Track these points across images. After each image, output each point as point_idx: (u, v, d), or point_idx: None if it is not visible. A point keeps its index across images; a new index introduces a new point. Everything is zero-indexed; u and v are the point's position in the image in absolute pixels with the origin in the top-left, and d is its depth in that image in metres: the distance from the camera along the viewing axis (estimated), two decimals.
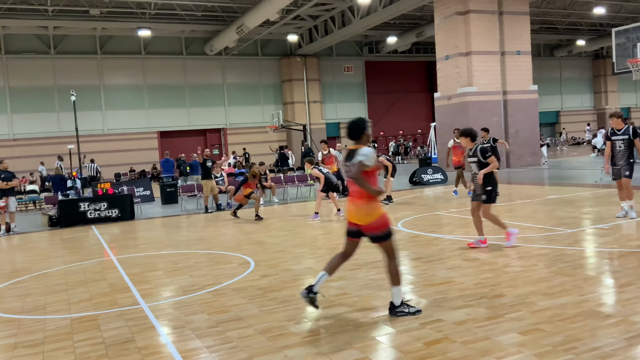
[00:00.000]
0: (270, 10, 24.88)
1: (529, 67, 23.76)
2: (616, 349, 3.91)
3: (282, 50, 36.12)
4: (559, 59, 44.82)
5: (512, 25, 23.01)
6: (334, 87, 38.12)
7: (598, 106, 46.14)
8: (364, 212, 4.86)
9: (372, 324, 4.82)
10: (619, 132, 9.14)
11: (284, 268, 7.26)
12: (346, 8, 28.77)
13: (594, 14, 32.53)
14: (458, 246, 7.94)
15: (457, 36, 22.38)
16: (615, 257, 6.69)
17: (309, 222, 11.54)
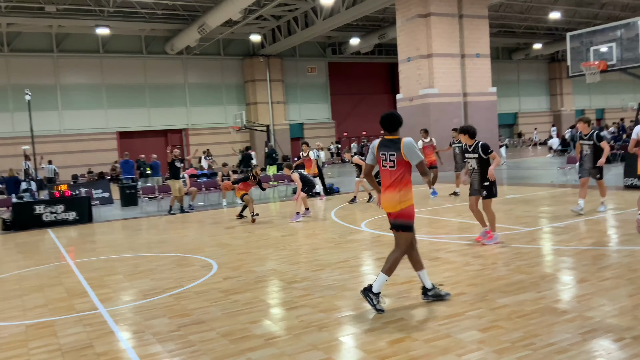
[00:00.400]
0: (233, 10, 24.67)
1: (488, 70, 24.30)
2: (571, 344, 4.03)
3: (244, 50, 35.87)
4: (516, 62, 45.99)
5: (471, 29, 23.48)
6: (297, 88, 38.09)
7: (554, 108, 47.57)
8: (397, 199, 5.01)
9: (336, 324, 4.83)
10: (585, 137, 9.62)
11: (247, 270, 7.20)
12: (309, 9, 28.80)
13: (550, 18, 33.52)
14: (420, 246, 8.01)
15: (419, 38, 22.69)
16: (570, 255, 6.91)
17: (291, 223, 11.36)
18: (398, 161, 5.01)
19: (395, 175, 5.02)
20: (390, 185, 5.05)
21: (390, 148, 5.05)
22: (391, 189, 5.04)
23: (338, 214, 12.34)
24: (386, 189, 5.10)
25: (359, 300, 5.49)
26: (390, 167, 5.06)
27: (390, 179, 5.06)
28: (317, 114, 39.08)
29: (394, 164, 5.03)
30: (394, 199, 5.02)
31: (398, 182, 5.01)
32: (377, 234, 9.36)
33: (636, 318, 4.46)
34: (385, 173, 5.12)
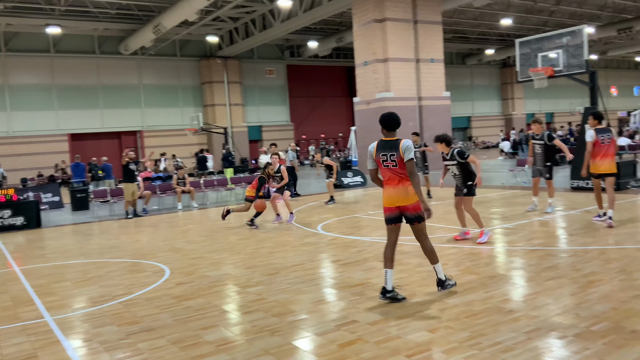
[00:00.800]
0: (189, 11, 24.34)
1: (442, 75, 24.82)
2: (516, 343, 4.15)
3: (201, 52, 35.43)
4: (470, 67, 47.12)
5: (426, 34, 23.93)
6: (255, 90, 37.90)
7: (505, 112, 48.96)
8: (411, 192, 5.27)
9: (289, 328, 4.83)
10: (537, 137, 10.20)
11: (200, 275, 7.11)
12: (267, 11, 28.72)
13: (501, 25, 34.50)
14: (375, 248, 8.13)
15: (375, 43, 22.97)
16: (518, 255, 7.12)
17: (289, 224, 11.10)
18: (399, 160, 5.27)
19: (401, 172, 5.29)
20: (400, 181, 5.30)
21: (390, 149, 5.31)
22: (403, 183, 5.30)
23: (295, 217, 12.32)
24: (397, 184, 5.32)
25: (312, 303, 5.51)
26: (393, 166, 5.32)
27: (397, 176, 5.32)
28: (276, 117, 38.99)
29: (396, 163, 5.30)
30: (408, 191, 5.28)
31: (406, 177, 5.29)
32: (333, 236, 9.41)
33: (578, 316, 4.64)
34: (389, 172, 5.36)
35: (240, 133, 36.30)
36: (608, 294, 5.18)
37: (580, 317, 4.62)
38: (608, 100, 52.12)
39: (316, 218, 11.82)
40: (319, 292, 5.91)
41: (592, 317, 4.58)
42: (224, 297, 6.01)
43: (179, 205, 15.55)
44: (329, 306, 5.41)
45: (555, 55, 13.53)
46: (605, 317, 4.56)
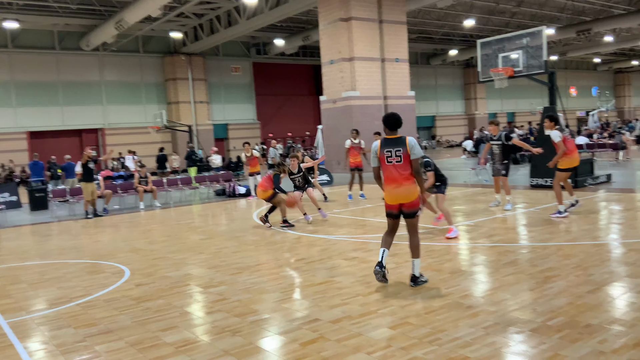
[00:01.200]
0: (152, 6, 23.90)
1: (407, 74, 25.07)
2: (475, 338, 4.22)
3: (165, 48, 34.85)
4: (434, 67, 47.76)
5: (391, 34, 24.12)
6: (221, 88, 37.50)
7: (469, 111, 49.84)
8: (413, 190, 5.61)
9: (251, 328, 4.79)
10: (494, 138, 10.67)
11: (161, 276, 6.98)
12: (232, 8, 28.45)
13: (464, 25, 35.07)
14: (339, 246, 8.15)
15: (341, 42, 23.03)
16: (478, 252, 7.25)
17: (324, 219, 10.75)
18: (404, 155, 5.54)
19: (404, 169, 5.56)
20: (404, 179, 5.57)
21: (396, 145, 5.58)
22: (407, 182, 5.58)
23: (260, 215, 12.25)
24: (401, 182, 5.58)
25: (275, 303, 5.48)
26: (397, 162, 5.57)
27: (401, 173, 5.57)
28: (242, 115, 38.68)
29: (401, 159, 5.55)
30: (411, 189, 5.60)
31: (409, 175, 5.58)
32: (298, 235, 9.39)
33: (535, 311, 4.74)
34: (392, 169, 5.61)
35: (205, 131, 35.88)
36: (564, 289, 5.31)
37: (537, 312, 4.72)
38: (567, 101, 53.69)
39: (279, 217, 11.75)
40: (282, 292, 5.88)
41: (549, 312, 4.69)
42: (185, 298, 5.92)
43: (141, 204, 15.26)
44: (292, 305, 5.39)
45: (516, 56, 13.82)
46: (561, 312, 4.67)
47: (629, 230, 8.06)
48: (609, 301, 4.94)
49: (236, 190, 16.94)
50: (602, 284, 5.42)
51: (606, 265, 6.10)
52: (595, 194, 12.11)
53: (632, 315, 4.52)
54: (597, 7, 34.34)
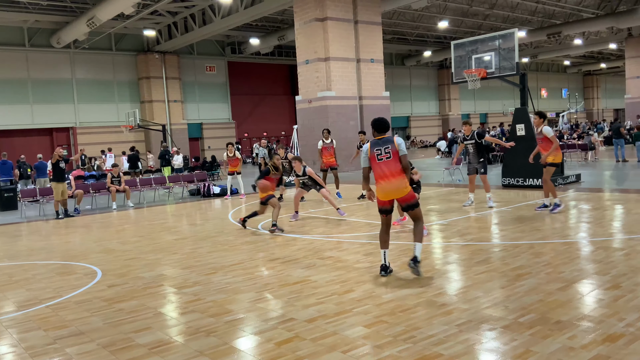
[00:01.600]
0: (125, 4, 23.55)
1: (382, 75, 25.23)
2: (448, 335, 4.27)
3: (138, 46, 34.39)
4: (409, 68, 48.17)
5: (366, 34, 24.24)
6: (195, 87, 37.16)
7: (442, 112, 50.42)
8: (404, 184, 5.90)
9: (225, 328, 4.76)
10: (468, 138, 11.00)
11: (134, 276, 6.89)
12: (207, 7, 28.23)
13: (438, 27, 35.46)
14: (315, 246, 8.16)
15: (316, 42, 23.05)
16: (452, 250, 7.34)
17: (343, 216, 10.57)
18: (393, 152, 5.90)
19: (394, 165, 5.88)
20: (394, 174, 5.88)
21: (385, 144, 5.96)
22: (397, 177, 5.88)
23: (235, 215, 12.20)
24: (391, 178, 5.89)
25: (250, 302, 5.46)
26: (387, 158, 5.91)
27: (391, 169, 5.89)
28: (217, 114, 38.40)
29: (390, 155, 5.90)
30: (403, 184, 5.89)
31: (399, 170, 5.89)
32: (273, 235, 9.36)
33: (507, 308, 4.82)
34: (382, 166, 5.92)
35: (179, 130, 35.52)
36: (535, 287, 5.41)
37: (509, 309, 4.80)
38: (538, 102, 54.73)
39: (258, 217, 11.70)
40: (257, 291, 5.86)
41: (520, 309, 4.77)
42: (159, 299, 5.85)
43: (114, 204, 15.03)
44: (267, 305, 5.37)
45: (489, 58, 14.02)
46: (532, 309, 4.76)
47: (598, 229, 8.25)
48: (578, 298, 5.05)
49: (211, 190, 16.82)
50: (572, 281, 5.54)
51: (576, 263, 6.24)
52: (565, 194, 12.37)
53: (601, 311, 4.63)
54: (567, 11, 35.10)
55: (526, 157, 11.81)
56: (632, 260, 6.20)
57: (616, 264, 6.07)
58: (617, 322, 4.32)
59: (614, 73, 64.05)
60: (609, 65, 57.70)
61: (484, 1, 32.38)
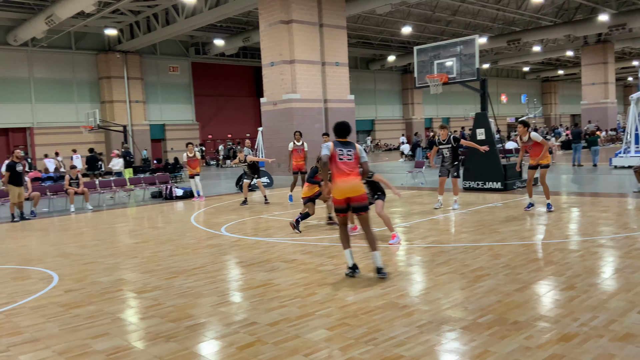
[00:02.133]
0: (86, 2, 22.99)
1: (347, 78, 25.38)
2: (409, 337, 4.32)
3: (99, 45, 33.63)
4: (373, 72, 48.63)
5: (331, 38, 24.35)
6: (158, 87, 36.57)
7: (406, 116, 51.09)
8: (359, 185, 6.08)
9: (186, 333, 4.69)
10: (444, 142, 11.22)
11: (92, 281, 6.72)
12: (170, 6, 27.85)
13: (402, 32, 35.93)
14: (279, 248, 8.13)
15: (282, 44, 23.02)
16: (414, 252, 7.43)
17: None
18: (355, 155, 6.14)
19: (354, 166, 6.10)
20: (352, 174, 6.07)
21: (347, 147, 6.17)
22: (354, 176, 6.07)
23: (198, 218, 12.05)
24: (348, 176, 6.05)
25: (212, 307, 5.40)
26: (348, 159, 6.10)
27: (350, 169, 6.07)
28: (180, 115, 37.89)
29: (352, 157, 6.12)
30: (358, 183, 6.08)
31: (357, 172, 6.12)
32: (237, 237, 9.29)
33: (466, 309, 4.91)
34: (343, 165, 6.08)
35: (141, 132, 34.89)
36: (494, 288, 5.53)
37: (468, 310, 4.89)
38: (498, 107, 56.03)
39: (221, 219, 11.62)
40: (220, 295, 5.80)
41: (479, 310, 4.87)
42: (117, 304, 5.72)
43: (72, 207, 14.62)
44: (229, 309, 5.32)
45: (450, 63, 14.29)
46: (490, 310, 4.86)
47: (554, 231, 8.50)
48: (535, 299, 5.18)
49: (173, 193, 16.55)
50: (529, 282, 5.69)
51: (533, 265, 6.41)
52: (524, 197, 12.69)
53: (556, 311, 4.77)
54: (526, 19, 36.09)
55: (486, 161, 12.04)
56: (587, 262, 6.40)
57: (571, 265, 6.26)
58: (571, 322, 4.46)
59: (571, 79, 66.24)
60: (566, 72, 59.64)
61: (446, 8, 32.98)
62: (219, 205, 14.33)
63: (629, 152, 19.07)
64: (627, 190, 13.12)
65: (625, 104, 60.71)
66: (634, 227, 8.45)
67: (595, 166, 20.11)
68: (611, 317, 4.51)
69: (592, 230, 8.32)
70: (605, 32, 35.22)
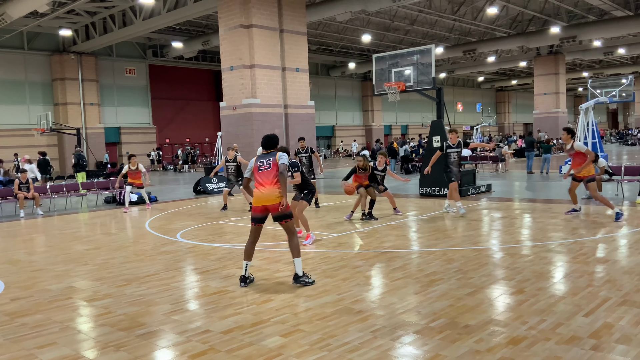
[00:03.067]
0: (39, 1, 22.27)
1: (307, 84, 25.44)
2: (363, 342, 4.35)
3: (53, 46, 32.64)
4: (334, 79, 48.96)
5: (291, 43, 24.38)
6: (114, 90, 35.74)
7: (366, 123, 51.61)
8: (277, 193, 6.07)
9: (137, 342, 4.58)
10: (454, 146, 11.26)
11: (40, 289, 6.49)
12: (127, 8, 27.31)
13: (362, 40, 36.33)
14: (235, 255, 8.06)
15: (242, 48, 22.89)
16: (370, 257, 7.49)
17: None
18: (272, 163, 6.17)
19: (271, 175, 6.11)
20: (268, 183, 6.11)
21: (267, 157, 6.27)
22: (270, 185, 6.10)
23: (153, 224, 11.82)
24: (265, 185, 6.11)
25: (164, 315, 5.29)
26: (266, 169, 6.17)
27: (267, 178, 6.13)
28: (137, 118, 37.11)
29: (270, 166, 6.17)
30: (274, 193, 6.06)
31: (274, 180, 6.10)
32: (192, 244, 9.16)
33: (420, 314, 4.98)
34: (262, 175, 6.17)
35: (96, 135, 34.00)
36: (446, 292, 5.64)
37: (421, 314, 4.97)
38: (454, 115, 57.31)
39: (177, 225, 11.43)
40: (173, 303, 5.70)
41: (432, 314, 4.95)
42: (67, 312, 5.54)
43: (21, 212, 14.11)
44: (182, 317, 5.23)
45: (408, 72, 14.54)
46: (443, 314, 4.95)
47: (506, 236, 8.73)
48: (486, 302, 5.30)
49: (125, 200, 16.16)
50: (480, 286, 5.82)
51: (484, 269, 6.56)
52: (477, 203, 13.00)
53: (506, 315, 4.89)
54: (481, 30, 37.08)
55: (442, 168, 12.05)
56: (536, 266, 6.61)
57: (521, 270, 6.45)
58: (520, 326, 4.58)
59: (524, 89, 68.42)
60: (520, 82, 61.57)
61: (405, 17, 33.55)
62: (175, 210, 14.09)
63: None
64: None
65: (575, 114, 63.16)
66: (581, 232, 8.77)
67: (547, 173, 20.81)
68: (558, 321, 4.66)
69: (541, 236, 8.60)
70: (557, 43, 36.57)
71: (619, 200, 12.48)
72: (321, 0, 27.29)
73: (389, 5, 25.35)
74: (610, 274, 6.10)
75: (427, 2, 29.85)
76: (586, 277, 6.03)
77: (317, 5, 26.96)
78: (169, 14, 25.62)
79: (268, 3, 23.36)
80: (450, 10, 31.66)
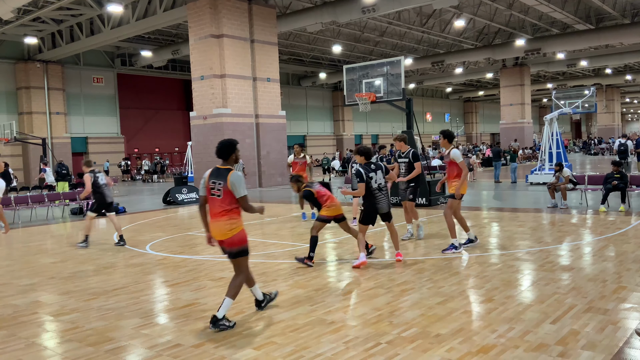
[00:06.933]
0: (3, 9, 21.77)
1: (278, 94, 25.48)
2: (336, 353, 4.35)
3: (18, 54, 31.89)
4: (305, 89, 49.13)
5: (262, 53, 24.42)
6: (81, 99, 35.08)
7: (337, 132, 51.89)
8: (227, 227, 5.06)
9: (105, 358, 4.48)
10: (402, 155, 9.67)
11: (4, 304, 6.29)
12: (95, 16, 26.92)
13: (333, 51, 36.61)
14: (206, 267, 7.98)
15: (212, 58, 22.81)
16: (343, 268, 7.51)
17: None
18: (225, 191, 5.05)
19: (223, 204, 5.06)
20: (219, 214, 5.08)
21: (220, 177, 5.09)
22: (220, 217, 5.08)
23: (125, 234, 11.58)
24: (215, 216, 5.12)
25: (134, 329, 5.20)
26: (217, 196, 5.10)
27: (219, 208, 5.09)
28: (104, 128, 36.48)
29: (221, 193, 5.07)
30: (225, 227, 5.06)
31: (227, 210, 5.06)
32: (162, 256, 9.03)
33: (392, 324, 5.02)
34: (214, 202, 5.13)
35: (62, 144, 33.25)
36: (418, 301, 5.69)
37: (393, 324, 5.00)
38: (424, 125, 58.08)
39: (146, 237, 11.25)
40: (142, 317, 5.60)
41: (404, 324, 4.99)
42: (32, 328, 5.39)
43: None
44: (152, 331, 5.14)
45: (378, 83, 14.70)
46: (414, 323, 4.99)
47: (475, 246, 8.86)
48: (456, 311, 5.37)
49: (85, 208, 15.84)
50: (451, 295, 5.90)
51: (454, 278, 6.65)
52: None
53: (476, 324, 4.96)
54: (449, 42, 37.81)
55: None
56: (504, 275, 6.73)
57: (490, 278, 6.56)
58: (490, 334, 4.66)
59: (491, 100, 69.88)
60: (486, 92, 62.87)
61: (374, 29, 33.96)
62: (144, 222, 13.88)
63: (544, 170, 20.29)
64: (541, 205, 13.93)
65: (540, 124, 64.78)
66: (547, 240, 8.98)
67: (515, 183, 21.24)
68: (526, 328, 4.76)
69: (509, 244, 8.76)
70: (522, 56, 37.48)
71: (583, 209, 12.83)
72: (292, 11, 27.42)
73: (358, 17, 25.64)
74: (575, 282, 6.26)
75: (396, 14, 30.30)
76: (552, 284, 6.17)
77: (288, 16, 27.08)
78: (138, 23, 25.37)
79: (239, 13, 23.38)
80: (419, 23, 32.20)
